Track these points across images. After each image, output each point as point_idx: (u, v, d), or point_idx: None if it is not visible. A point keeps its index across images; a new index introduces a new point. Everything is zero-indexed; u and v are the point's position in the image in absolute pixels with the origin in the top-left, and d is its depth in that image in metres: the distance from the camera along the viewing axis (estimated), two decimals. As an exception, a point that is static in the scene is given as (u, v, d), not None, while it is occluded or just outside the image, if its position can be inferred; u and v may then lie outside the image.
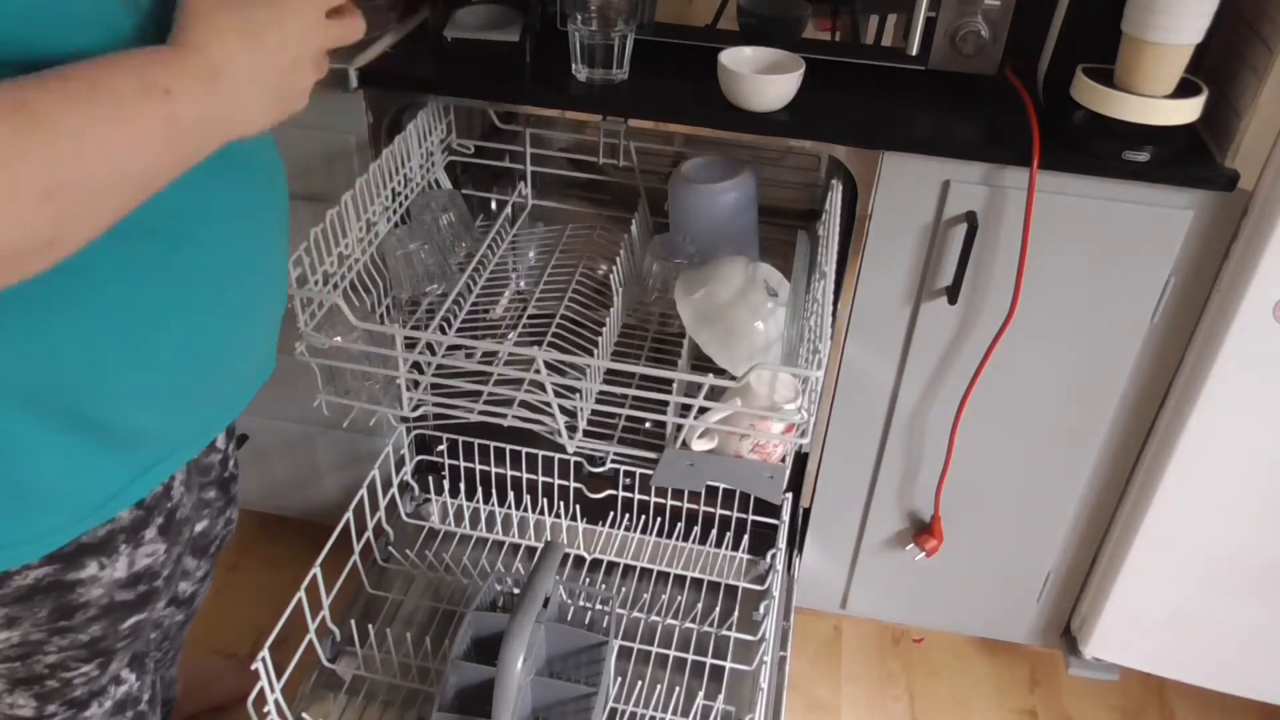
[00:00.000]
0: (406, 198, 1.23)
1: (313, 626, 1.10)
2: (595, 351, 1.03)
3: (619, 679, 1.23)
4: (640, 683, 1.24)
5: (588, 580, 1.40)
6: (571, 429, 0.98)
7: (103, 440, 0.70)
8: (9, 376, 0.63)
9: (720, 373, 0.96)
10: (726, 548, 1.43)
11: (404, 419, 1.03)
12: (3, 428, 0.64)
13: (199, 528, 1.07)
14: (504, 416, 0.99)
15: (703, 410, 0.93)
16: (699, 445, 0.96)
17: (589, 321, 1.26)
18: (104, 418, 0.68)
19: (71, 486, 0.70)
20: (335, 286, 0.98)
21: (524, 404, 0.99)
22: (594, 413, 1.01)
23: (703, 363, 1.09)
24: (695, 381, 0.90)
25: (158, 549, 0.82)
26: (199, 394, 0.76)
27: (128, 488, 0.75)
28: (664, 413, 0.95)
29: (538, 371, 0.91)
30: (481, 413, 1.00)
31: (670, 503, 1.47)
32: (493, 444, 1.46)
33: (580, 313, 1.29)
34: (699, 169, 1.29)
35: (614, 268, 1.16)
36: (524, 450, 1.46)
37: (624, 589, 1.38)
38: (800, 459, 1.37)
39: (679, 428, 0.95)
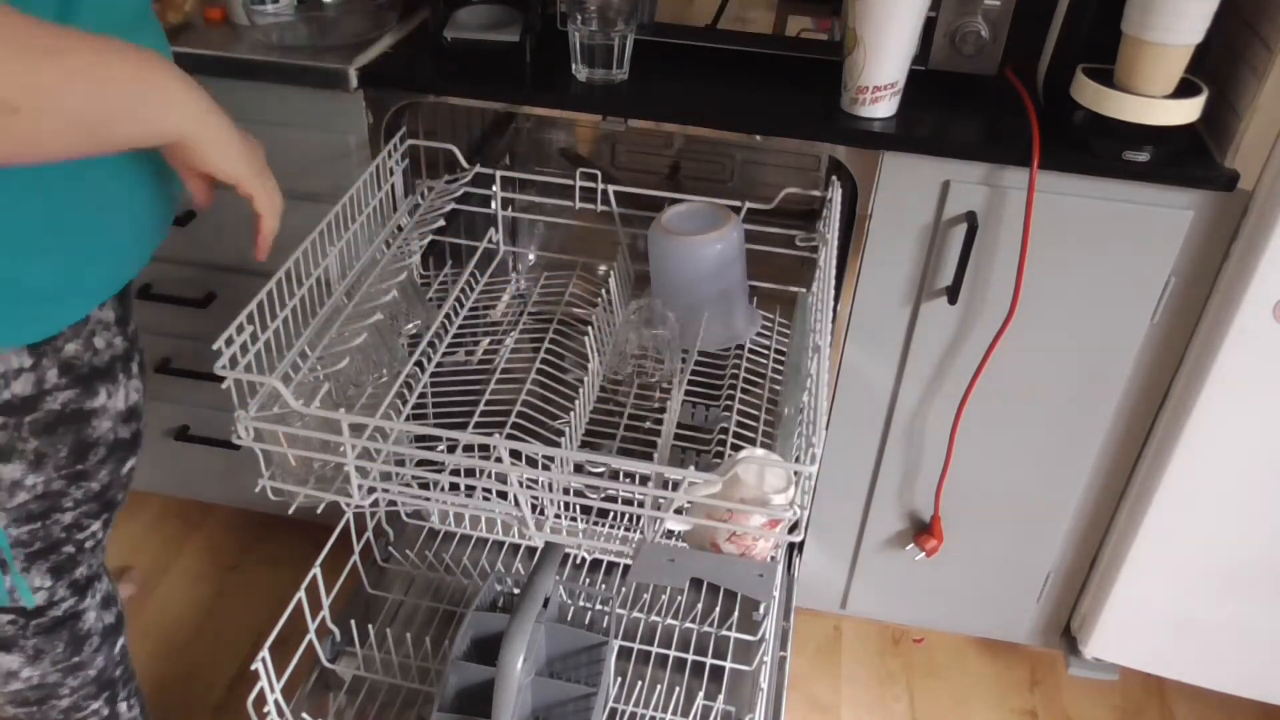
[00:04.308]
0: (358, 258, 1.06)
1: (313, 626, 1.10)
2: (565, 434, 0.96)
3: (619, 679, 1.23)
4: (640, 683, 1.24)
5: (588, 580, 1.40)
6: (538, 512, 0.89)
7: None
8: None
9: (701, 465, 0.88)
10: (726, 548, 1.43)
11: (356, 508, 0.95)
12: None
13: None
14: (465, 506, 0.91)
15: (679, 509, 0.85)
16: (673, 525, 0.89)
17: (559, 394, 1.14)
18: None
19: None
20: (273, 369, 0.87)
21: (486, 492, 0.90)
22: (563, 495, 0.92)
23: (684, 442, 1.02)
24: (674, 478, 0.81)
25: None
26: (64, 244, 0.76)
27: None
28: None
29: (499, 460, 0.83)
30: (440, 502, 0.92)
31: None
32: (493, 444, 1.45)
33: (549, 388, 1.16)
34: (680, 218, 1.18)
35: (588, 338, 1.06)
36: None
37: (624, 589, 1.38)
38: (800, 459, 1.36)
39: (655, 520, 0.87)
